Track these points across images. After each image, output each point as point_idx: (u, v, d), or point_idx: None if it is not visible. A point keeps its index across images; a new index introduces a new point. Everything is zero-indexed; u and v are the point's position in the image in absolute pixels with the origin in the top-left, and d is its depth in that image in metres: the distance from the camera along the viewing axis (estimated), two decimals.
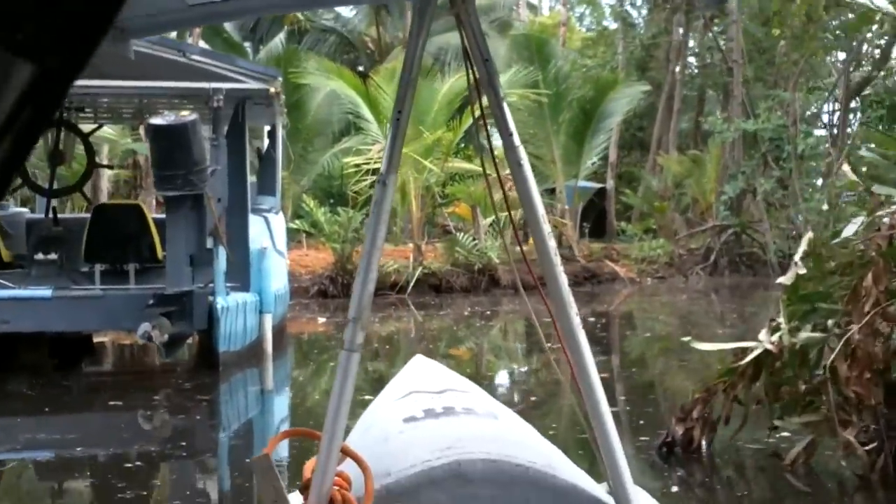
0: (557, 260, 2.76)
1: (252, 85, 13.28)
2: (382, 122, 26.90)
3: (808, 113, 34.68)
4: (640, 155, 42.80)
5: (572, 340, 2.68)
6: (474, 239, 26.96)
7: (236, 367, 13.10)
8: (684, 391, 11.13)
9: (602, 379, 2.71)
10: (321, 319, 21.72)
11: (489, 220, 28.38)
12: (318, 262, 26.34)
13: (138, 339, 11.51)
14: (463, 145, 31.64)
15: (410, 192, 26.29)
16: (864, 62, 39.39)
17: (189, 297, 12.09)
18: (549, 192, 31.23)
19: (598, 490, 2.82)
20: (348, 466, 2.75)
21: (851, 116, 37.01)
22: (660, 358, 16.30)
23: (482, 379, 12.22)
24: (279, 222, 17.18)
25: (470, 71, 2.68)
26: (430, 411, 3.04)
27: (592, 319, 20.04)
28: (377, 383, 9.18)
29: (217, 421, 11.12)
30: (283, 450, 7.69)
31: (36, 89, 0.77)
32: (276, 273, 15.08)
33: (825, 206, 30.48)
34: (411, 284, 25.21)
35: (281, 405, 12.29)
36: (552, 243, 2.74)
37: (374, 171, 25.88)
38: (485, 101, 2.77)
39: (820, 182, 34.20)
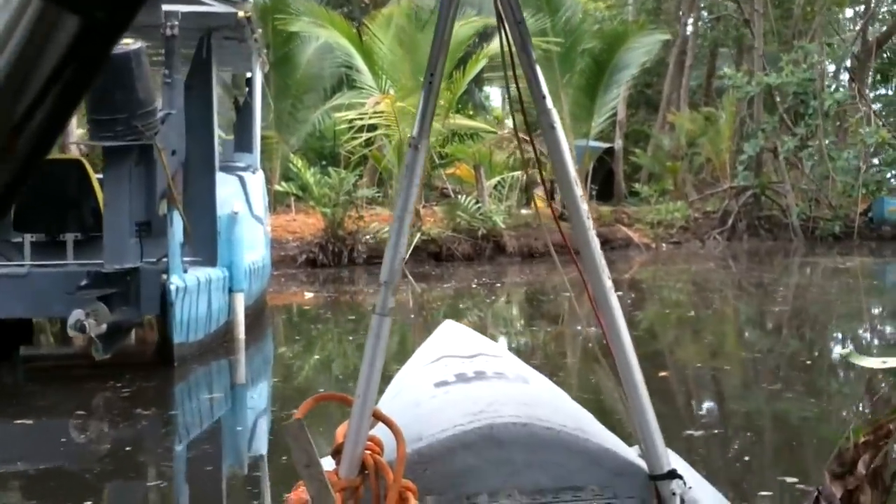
0: (590, 223, 2.70)
1: (216, 7, 10.88)
2: (378, 75, 24.59)
3: (833, 68, 32.23)
4: (648, 113, 40.52)
5: (605, 305, 2.60)
6: (477, 202, 24.73)
7: (199, 360, 10.87)
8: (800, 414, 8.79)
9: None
10: (308, 294, 19.38)
11: (493, 181, 26.14)
12: (307, 227, 24.13)
13: (69, 330, 8.96)
14: (460, 106, 29.38)
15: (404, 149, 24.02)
16: (879, 18, 37.49)
17: (134, 276, 9.83)
18: None
19: (630, 453, 2.80)
20: (380, 431, 2.66)
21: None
22: (727, 352, 13.59)
23: None
24: (257, 183, 14.77)
25: (503, 32, 2.59)
26: (462, 375, 3.06)
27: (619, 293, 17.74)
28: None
29: (168, 431, 8.80)
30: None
31: (82, 44, 0.76)
32: (251, 243, 12.86)
33: (860, 165, 28.30)
34: (409, 252, 23.00)
35: (256, 404, 10.00)
36: (585, 206, 2.69)
37: (370, 128, 23.64)
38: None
39: (846, 141, 31.98)
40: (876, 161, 29.89)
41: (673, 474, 2.65)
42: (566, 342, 13.73)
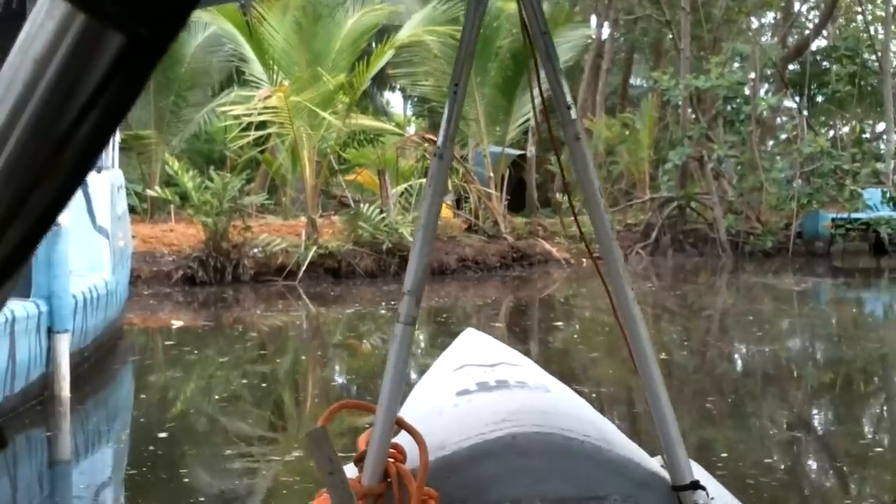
0: (613, 234, 2.79)
1: None
2: (270, 66, 21.66)
3: (766, 72, 30.20)
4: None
5: (629, 316, 2.64)
6: (382, 212, 21.92)
7: None
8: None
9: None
10: (176, 323, 15.95)
11: (399, 188, 23.38)
12: (186, 239, 21.06)
13: None
14: (360, 109, 26.64)
15: (304, 154, 21.14)
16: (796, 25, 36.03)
17: None
18: (464, 158, 26.49)
19: (653, 463, 2.84)
20: (402, 439, 2.74)
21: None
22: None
23: None
24: (103, 186, 11.60)
25: (528, 43, 2.65)
26: (484, 384, 3.12)
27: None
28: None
29: None
30: None
31: (126, 61, 0.75)
32: (90, 262, 9.94)
33: (795, 175, 26.16)
34: (303, 268, 20.10)
35: (80, 491, 7.05)
36: (607, 217, 2.77)
37: (260, 126, 20.71)
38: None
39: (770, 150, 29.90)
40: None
41: (696, 485, 2.70)
42: None
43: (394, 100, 45.30)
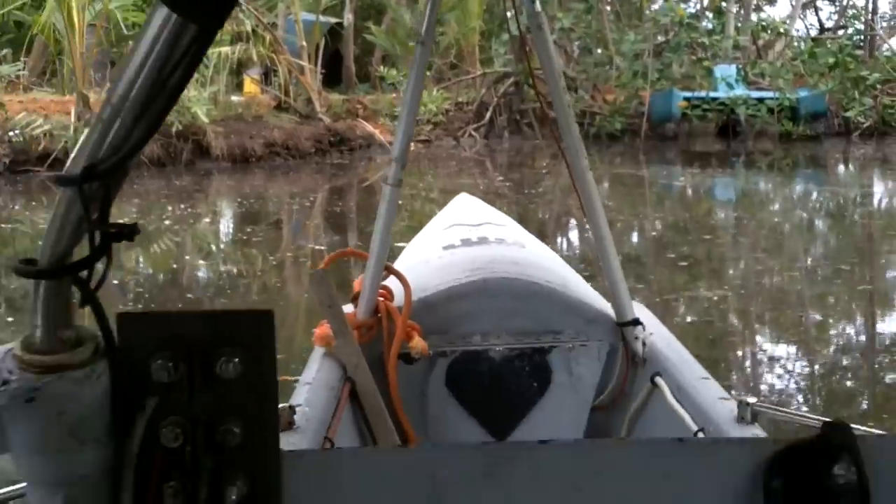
0: (571, 113, 3.00)
1: None
2: None
3: None
4: None
5: (582, 181, 2.97)
6: None
7: None
8: None
9: None
10: None
11: None
12: None
13: None
14: None
15: (73, 14, 17.05)
16: None
17: None
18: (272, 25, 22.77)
19: (604, 304, 3.26)
20: (391, 283, 3.21)
21: None
22: None
23: None
24: None
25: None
26: (467, 240, 3.60)
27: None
28: None
29: None
30: None
31: (194, 49, 1.26)
32: None
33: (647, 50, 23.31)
34: (72, 156, 16.20)
35: None
36: (567, 98, 2.98)
37: None
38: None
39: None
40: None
41: (636, 322, 3.16)
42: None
43: None
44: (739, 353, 7.73)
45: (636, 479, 1.68)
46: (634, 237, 12.75)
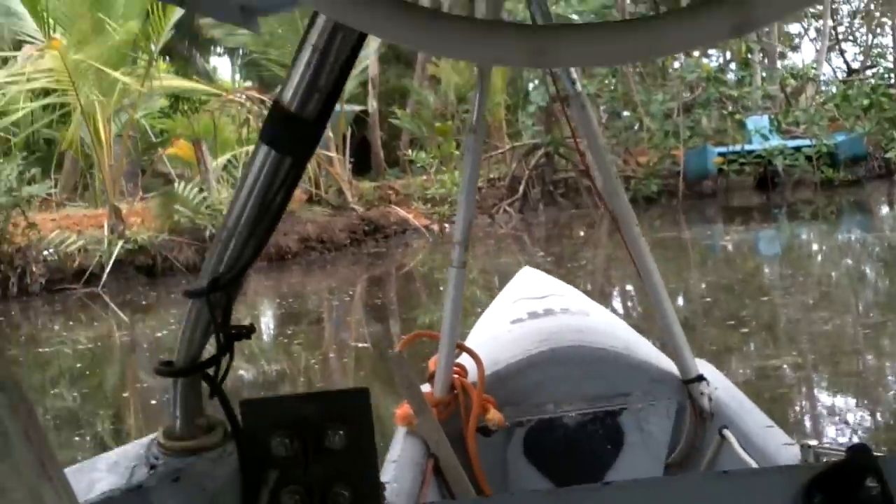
0: (618, 179, 3.18)
1: None
2: (42, 18, 17.29)
3: None
4: (402, 67, 34.47)
5: (635, 244, 3.07)
6: (202, 190, 17.94)
7: None
8: None
9: None
10: None
11: (222, 159, 19.41)
12: None
13: None
14: (176, 69, 22.63)
15: (100, 127, 17.01)
16: None
17: None
18: None
19: (668, 363, 3.35)
20: (464, 360, 3.38)
21: None
22: None
23: None
24: None
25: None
26: (533, 313, 3.75)
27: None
28: None
29: None
30: None
31: (291, 176, 1.57)
32: None
33: (676, 108, 22.96)
34: (107, 270, 16.04)
35: None
36: (611, 157, 3.42)
37: (48, 93, 16.53)
38: None
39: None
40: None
41: (700, 378, 3.24)
42: None
43: (221, 66, 41.13)
44: (832, 429, 7.15)
45: None
46: (685, 304, 12.29)
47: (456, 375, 3.29)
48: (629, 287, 13.73)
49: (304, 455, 1.71)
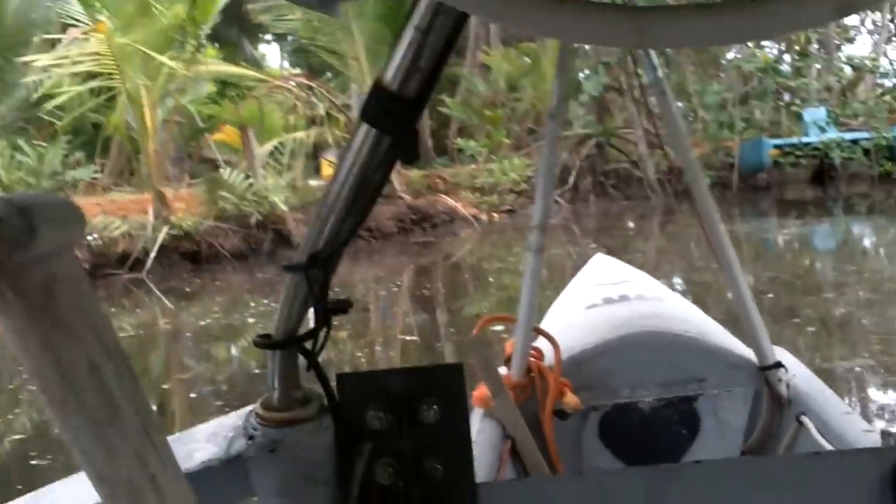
0: (700, 167, 3.20)
1: None
2: (89, 3, 17.11)
3: None
4: (454, 54, 34.04)
5: (715, 232, 3.01)
6: (248, 177, 17.71)
7: None
8: None
9: None
10: None
11: (268, 146, 19.16)
12: None
13: None
14: (223, 55, 22.41)
15: (145, 112, 16.81)
16: None
17: None
18: (346, 106, 22.40)
19: (744, 349, 3.29)
20: (540, 344, 3.33)
21: None
22: None
23: None
24: None
25: None
26: (608, 299, 3.74)
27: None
28: None
29: None
30: None
31: (389, 154, 1.53)
32: None
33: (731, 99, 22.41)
34: (152, 255, 15.85)
35: None
36: (694, 155, 3.22)
37: (92, 75, 16.35)
38: None
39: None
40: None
41: (779, 364, 3.18)
42: None
43: (270, 53, 40.94)
44: None
45: (781, 491, 1.86)
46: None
47: (532, 359, 3.27)
48: (678, 280, 13.37)
49: (398, 428, 1.75)
